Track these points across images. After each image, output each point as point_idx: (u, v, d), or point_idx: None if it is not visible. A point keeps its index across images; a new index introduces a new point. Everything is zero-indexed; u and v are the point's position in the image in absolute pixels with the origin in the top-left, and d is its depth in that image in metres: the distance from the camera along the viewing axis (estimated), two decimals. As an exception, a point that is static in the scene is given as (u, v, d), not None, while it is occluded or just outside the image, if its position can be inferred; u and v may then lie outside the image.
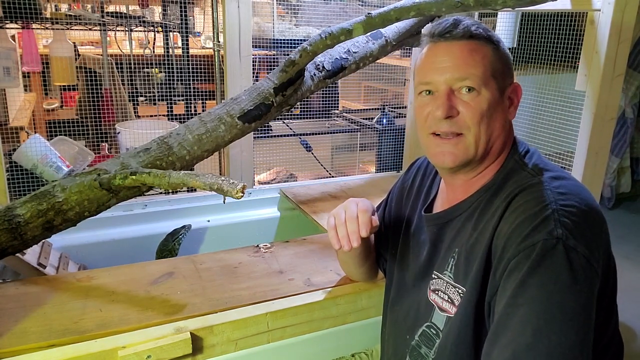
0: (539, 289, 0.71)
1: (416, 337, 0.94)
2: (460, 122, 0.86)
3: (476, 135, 0.86)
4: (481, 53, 0.86)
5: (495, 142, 0.88)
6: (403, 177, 1.15)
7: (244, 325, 1.08)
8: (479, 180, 0.91)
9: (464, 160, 0.87)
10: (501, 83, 0.87)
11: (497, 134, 0.87)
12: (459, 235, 0.90)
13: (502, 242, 0.78)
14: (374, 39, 1.66)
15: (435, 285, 0.92)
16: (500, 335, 0.73)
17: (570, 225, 0.73)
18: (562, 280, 0.70)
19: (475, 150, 0.86)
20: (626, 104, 3.07)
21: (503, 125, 0.88)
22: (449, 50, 0.86)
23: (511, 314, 0.72)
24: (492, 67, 0.86)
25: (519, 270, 0.73)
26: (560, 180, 0.81)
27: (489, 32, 0.88)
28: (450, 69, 0.85)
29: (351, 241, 0.95)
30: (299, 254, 1.40)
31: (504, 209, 0.81)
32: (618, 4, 1.33)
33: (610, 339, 0.84)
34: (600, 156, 1.47)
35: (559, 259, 0.71)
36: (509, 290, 0.74)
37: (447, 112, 0.85)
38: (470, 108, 0.85)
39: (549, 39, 1.83)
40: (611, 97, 1.42)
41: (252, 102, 1.42)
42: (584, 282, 0.71)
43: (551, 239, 0.72)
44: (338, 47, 1.57)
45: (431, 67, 0.88)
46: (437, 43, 0.88)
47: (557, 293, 0.70)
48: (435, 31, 0.89)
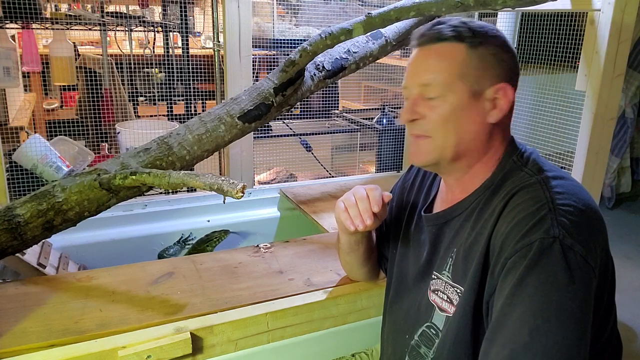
0: (536, 288, 0.71)
1: (416, 337, 0.94)
2: (425, 125, 0.88)
3: (442, 138, 0.88)
4: (449, 56, 0.86)
5: (471, 144, 0.88)
6: (404, 177, 1.15)
7: (244, 325, 1.08)
8: (474, 179, 0.91)
9: (432, 160, 0.90)
10: (474, 84, 0.85)
11: (471, 137, 0.87)
12: (457, 235, 0.90)
13: (499, 241, 0.78)
14: (374, 39, 1.66)
15: (435, 286, 0.92)
16: (497, 334, 0.73)
17: (567, 224, 0.73)
18: (559, 279, 0.71)
19: (441, 151, 0.88)
20: (626, 104, 3.07)
21: (478, 129, 0.87)
22: (419, 55, 0.90)
23: (508, 313, 0.73)
24: (461, 68, 0.85)
25: (516, 269, 0.73)
26: (558, 180, 0.82)
27: (473, 31, 0.86)
28: (417, 75, 0.89)
29: (364, 219, 0.96)
30: (299, 254, 1.40)
31: (501, 208, 0.81)
32: (618, 4, 1.33)
33: (608, 338, 0.85)
34: (600, 156, 1.47)
35: (556, 258, 0.71)
36: (506, 289, 0.74)
37: (410, 116, 0.89)
38: (434, 112, 0.87)
39: (549, 39, 1.83)
40: (611, 97, 1.42)
41: (252, 102, 1.42)
42: (580, 280, 0.71)
43: (548, 238, 0.72)
44: (338, 47, 1.57)
45: (408, 72, 0.92)
46: (416, 48, 0.92)
47: (554, 292, 0.70)
48: (416, 35, 0.92)
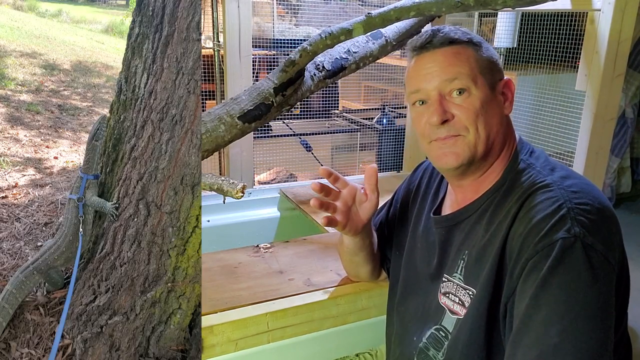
0: (560, 288, 0.71)
1: (424, 339, 0.94)
2: (458, 125, 0.87)
3: (475, 133, 0.86)
4: (465, 54, 0.88)
5: (496, 138, 0.89)
6: (409, 179, 1.15)
7: (244, 325, 1.08)
8: (486, 179, 0.91)
9: (467, 159, 0.87)
10: (490, 79, 0.88)
11: (496, 129, 0.88)
12: (468, 237, 0.90)
13: (518, 243, 0.78)
14: (374, 39, 1.66)
15: (445, 289, 0.92)
16: (523, 336, 0.73)
17: (587, 223, 0.73)
18: (583, 279, 0.71)
19: (475, 148, 0.87)
20: (626, 104, 3.07)
21: (500, 121, 0.89)
22: (433, 58, 0.89)
23: (534, 314, 0.72)
24: (478, 65, 0.87)
25: (539, 270, 0.73)
26: (571, 179, 0.82)
27: (469, 35, 0.90)
28: (437, 74, 0.87)
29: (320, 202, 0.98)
30: (299, 254, 1.40)
31: (517, 209, 0.81)
32: (618, 4, 1.33)
33: (620, 338, 0.84)
34: (600, 156, 1.47)
35: (579, 257, 0.71)
36: (529, 290, 0.74)
37: (442, 116, 0.86)
38: (464, 109, 0.86)
39: (549, 39, 1.83)
40: (611, 97, 1.42)
41: (252, 102, 1.42)
42: (603, 279, 0.71)
43: (569, 238, 0.72)
44: (338, 47, 1.57)
45: (418, 76, 0.90)
46: (421, 54, 0.90)
47: (579, 292, 0.70)
48: (417, 44, 0.91)
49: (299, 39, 2.17)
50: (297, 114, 2.41)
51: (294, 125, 2.39)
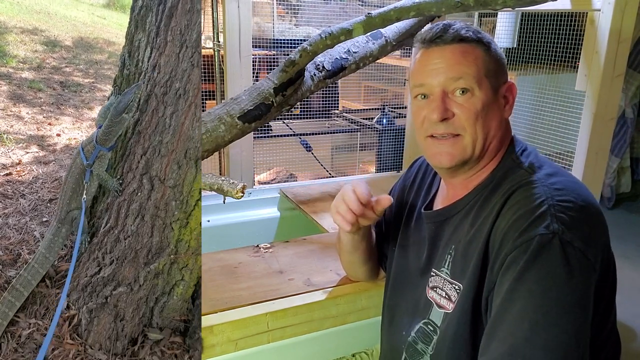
0: (535, 283, 0.72)
1: (412, 333, 0.95)
2: (456, 124, 0.87)
3: (473, 135, 0.87)
4: (473, 54, 0.87)
5: (493, 141, 0.89)
6: (404, 176, 1.16)
7: (244, 325, 1.08)
8: (477, 177, 0.92)
9: (461, 160, 0.88)
10: (495, 82, 0.88)
11: (494, 133, 0.89)
12: (456, 232, 0.91)
13: (499, 238, 0.79)
14: (374, 39, 1.66)
15: (433, 283, 0.93)
16: (497, 329, 0.74)
17: (567, 220, 0.74)
18: (558, 275, 0.71)
19: (472, 150, 0.88)
20: (626, 104, 3.07)
21: (499, 124, 0.89)
22: (441, 54, 0.88)
23: (508, 308, 0.73)
24: (485, 67, 0.87)
25: (516, 265, 0.74)
26: (557, 176, 0.82)
27: (480, 34, 0.89)
28: (443, 71, 0.87)
29: (353, 209, 0.95)
30: (299, 254, 1.40)
31: (501, 205, 0.82)
32: (618, 4, 1.33)
33: (607, 336, 0.85)
34: (600, 156, 1.47)
35: (555, 253, 0.72)
36: (505, 284, 0.75)
37: (442, 114, 0.86)
38: (465, 109, 0.86)
39: (549, 39, 1.83)
40: (611, 97, 1.42)
41: (252, 102, 1.42)
42: (580, 276, 0.72)
43: (547, 234, 0.73)
44: (338, 47, 1.57)
45: (424, 70, 0.89)
46: (429, 48, 0.90)
47: (553, 287, 0.71)
48: (427, 37, 0.90)
49: (299, 39, 2.17)
50: (297, 114, 2.41)
51: (294, 125, 2.39)
